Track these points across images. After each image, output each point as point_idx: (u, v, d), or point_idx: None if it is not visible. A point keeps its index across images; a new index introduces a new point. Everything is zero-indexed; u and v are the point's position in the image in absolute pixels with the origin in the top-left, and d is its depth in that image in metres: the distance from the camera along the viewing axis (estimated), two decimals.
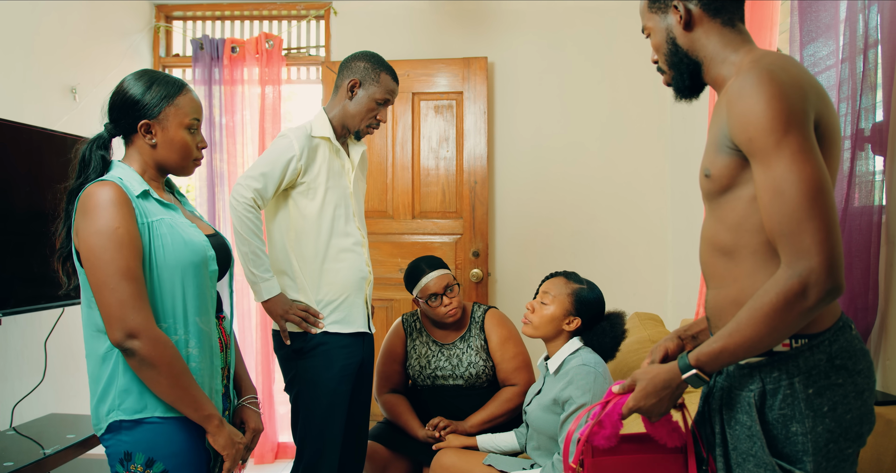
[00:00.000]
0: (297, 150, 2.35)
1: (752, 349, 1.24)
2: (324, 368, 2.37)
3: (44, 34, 3.15)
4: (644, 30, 1.52)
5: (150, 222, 1.58)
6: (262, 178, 2.32)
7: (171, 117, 1.66)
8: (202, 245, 1.64)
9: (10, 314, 2.52)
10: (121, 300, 1.48)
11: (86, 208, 1.53)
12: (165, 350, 1.52)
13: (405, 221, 3.88)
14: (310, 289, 2.39)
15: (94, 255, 1.50)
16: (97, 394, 1.58)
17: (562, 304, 2.24)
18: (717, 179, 1.34)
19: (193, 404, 1.56)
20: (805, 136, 1.20)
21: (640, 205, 3.87)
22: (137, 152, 1.68)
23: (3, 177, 2.53)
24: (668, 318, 3.62)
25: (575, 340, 2.24)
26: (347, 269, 2.42)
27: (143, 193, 1.61)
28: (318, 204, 2.39)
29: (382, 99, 2.47)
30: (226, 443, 1.60)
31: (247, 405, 1.83)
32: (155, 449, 1.55)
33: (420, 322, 2.87)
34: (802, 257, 1.18)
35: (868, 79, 1.87)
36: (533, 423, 2.26)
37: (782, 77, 1.23)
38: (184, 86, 1.70)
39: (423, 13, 3.96)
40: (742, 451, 1.33)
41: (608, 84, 3.86)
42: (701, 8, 1.41)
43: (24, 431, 2.68)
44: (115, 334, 1.49)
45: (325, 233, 2.40)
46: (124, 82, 1.68)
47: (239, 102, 3.93)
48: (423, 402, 2.79)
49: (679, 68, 1.45)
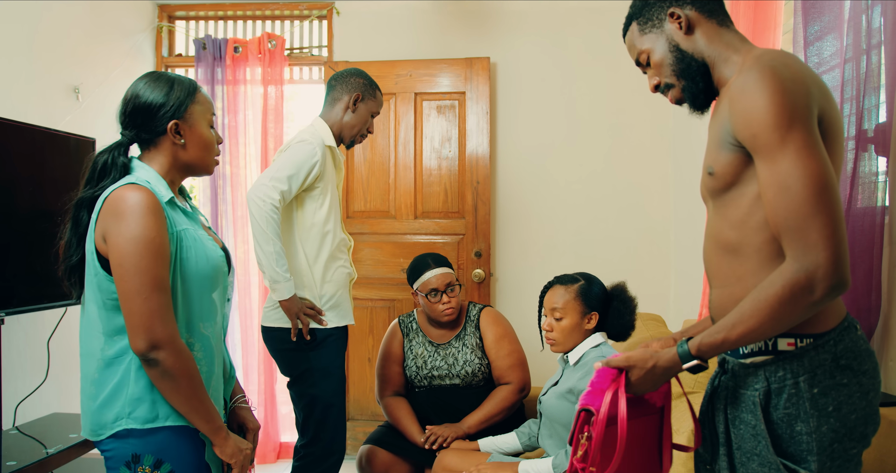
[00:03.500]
0: (319, 156, 2.51)
1: (753, 339, 1.25)
2: (333, 357, 2.56)
3: (46, 34, 3.15)
4: (640, 58, 1.52)
5: (178, 231, 1.58)
6: (289, 181, 2.44)
7: (196, 115, 1.67)
8: (220, 259, 1.67)
9: (13, 313, 2.52)
10: (151, 309, 1.48)
11: (119, 211, 1.50)
12: (187, 363, 1.53)
13: (407, 221, 3.88)
14: (314, 286, 2.53)
15: (130, 262, 1.47)
16: (99, 398, 1.55)
17: (574, 310, 2.25)
18: (721, 176, 1.34)
19: (206, 416, 1.57)
20: (809, 131, 1.20)
21: (643, 205, 3.87)
22: (161, 155, 1.65)
23: (6, 177, 2.53)
24: (670, 318, 3.62)
25: (597, 335, 2.26)
26: (341, 268, 2.61)
27: (169, 200, 1.60)
28: (326, 208, 2.55)
29: (376, 112, 2.73)
30: (233, 452, 1.62)
31: (240, 405, 1.84)
32: (163, 451, 1.55)
33: (416, 323, 2.88)
34: (809, 252, 1.18)
35: (871, 80, 1.87)
36: (546, 411, 2.27)
37: (785, 73, 1.23)
38: (197, 84, 1.72)
39: (425, 13, 3.96)
40: (746, 450, 1.33)
41: (610, 84, 3.86)
42: (696, 10, 1.44)
43: (26, 430, 2.68)
44: (139, 343, 1.48)
45: (329, 235, 2.56)
46: (139, 87, 1.64)
47: (241, 102, 3.94)
48: (421, 403, 2.79)
49: (690, 73, 1.45)
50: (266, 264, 2.40)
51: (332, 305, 2.55)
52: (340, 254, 2.61)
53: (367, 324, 3.89)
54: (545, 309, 2.32)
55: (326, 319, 2.53)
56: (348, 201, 3.91)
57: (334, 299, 2.56)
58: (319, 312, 2.52)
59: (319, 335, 2.53)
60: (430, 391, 2.79)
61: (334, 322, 2.55)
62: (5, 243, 2.51)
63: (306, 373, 2.53)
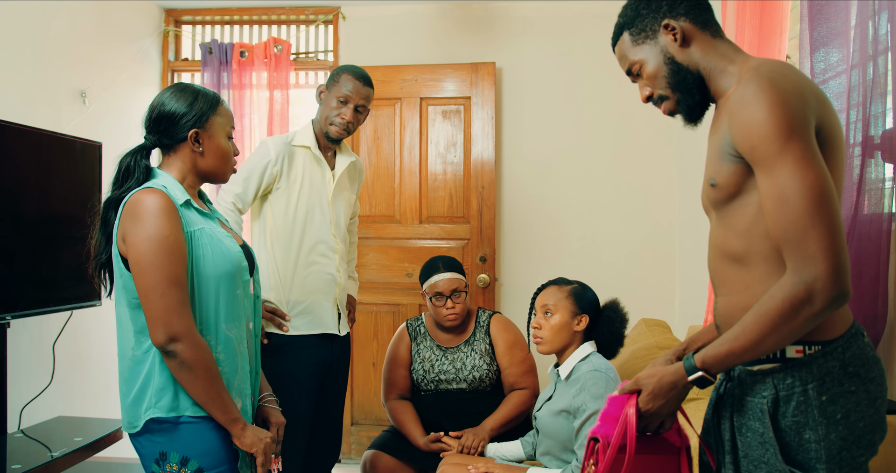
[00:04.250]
0: (272, 155, 2.49)
1: (756, 352, 1.25)
2: (289, 366, 2.46)
3: (53, 38, 3.17)
4: (632, 69, 1.50)
5: (192, 231, 1.66)
6: (243, 183, 2.46)
7: (216, 126, 1.77)
8: (238, 256, 1.73)
9: (19, 316, 2.53)
10: (168, 304, 1.57)
11: (136, 214, 1.59)
12: (204, 355, 1.61)
13: (412, 225, 3.88)
14: (281, 289, 2.50)
15: (146, 260, 1.57)
16: (132, 394, 1.64)
17: (565, 308, 2.23)
18: (724, 187, 1.34)
19: (223, 407, 1.64)
20: (807, 142, 1.20)
21: (648, 210, 3.86)
22: (180, 161, 1.75)
23: (12, 181, 2.54)
24: (675, 324, 3.60)
25: (586, 345, 2.23)
26: (316, 273, 2.53)
27: (185, 202, 1.68)
28: (293, 209, 2.51)
29: (343, 96, 2.54)
30: (252, 441, 1.68)
31: (265, 403, 1.90)
32: (188, 448, 1.63)
33: (424, 327, 2.88)
34: (808, 264, 1.18)
35: (878, 86, 1.86)
36: (543, 428, 2.26)
37: (783, 84, 1.23)
38: (220, 98, 1.82)
39: (431, 18, 3.97)
40: (753, 458, 1.32)
41: (616, 90, 3.86)
42: (690, 22, 1.43)
43: (31, 434, 2.68)
44: (158, 336, 1.57)
45: (297, 237, 2.52)
46: (166, 96, 1.74)
47: (247, 107, 3.95)
48: (427, 407, 2.79)
49: (685, 86, 1.44)
50: None
51: (302, 311, 2.50)
52: (320, 258, 2.54)
53: (371, 329, 3.89)
54: (536, 308, 2.30)
55: (291, 325, 2.47)
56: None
57: (303, 305, 2.50)
58: (282, 316, 2.47)
59: (274, 342, 2.46)
60: (436, 395, 2.79)
61: (301, 330, 2.49)
62: (11, 247, 2.52)
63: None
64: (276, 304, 2.49)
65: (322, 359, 2.55)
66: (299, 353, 2.48)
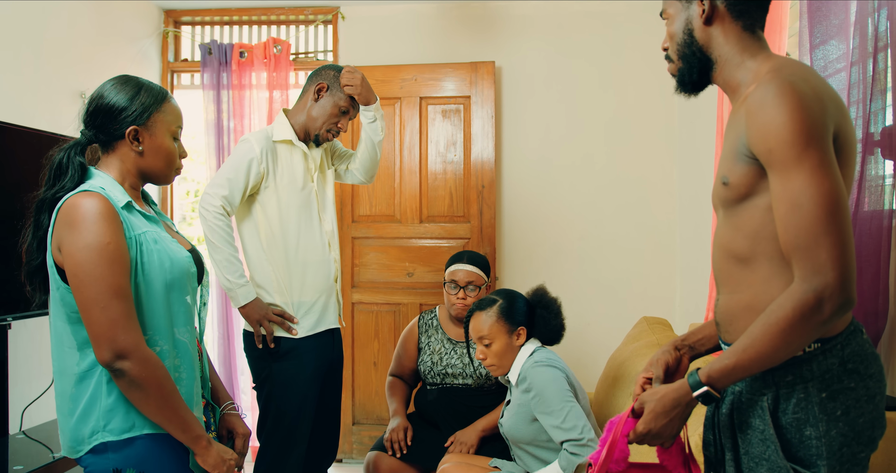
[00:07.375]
0: (257, 152, 2.39)
1: (765, 363, 1.24)
2: (297, 370, 2.44)
3: (53, 39, 3.17)
4: (663, 13, 1.50)
5: (136, 235, 1.53)
6: (228, 184, 2.36)
7: (159, 124, 1.63)
8: (185, 261, 1.62)
9: (20, 318, 2.53)
10: (112, 319, 1.43)
11: (72, 220, 1.45)
12: (155, 371, 1.47)
13: (412, 225, 3.88)
14: (285, 292, 2.45)
15: (84, 271, 1.43)
16: (75, 414, 1.51)
17: (499, 332, 2.28)
18: (736, 187, 1.33)
19: (182, 425, 1.52)
20: (825, 150, 1.20)
21: (648, 209, 3.86)
22: (119, 160, 1.62)
23: (12, 181, 2.54)
24: (676, 322, 3.61)
25: (527, 345, 2.30)
26: (316, 270, 2.49)
27: (126, 204, 1.55)
28: (285, 207, 2.44)
29: (345, 108, 2.51)
30: (216, 462, 1.57)
31: (228, 413, 1.82)
32: (144, 464, 1.51)
33: (437, 319, 2.91)
34: (818, 272, 1.18)
35: (878, 82, 1.86)
36: (509, 433, 2.30)
37: (804, 89, 1.22)
38: (168, 93, 1.68)
39: (430, 18, 3.97)
40: (755, 456, 1.32)
41: (616, 89, 3.86)
42: (726, 6, 1.40)
43: (33, 435, 2.68)
44: (104, 354, 1.44)
45: (292, 236, 2.45)
46: (106, 88, 1.61)
47: (247, 107, 3.94)
48: (431, 403, 2.80)
49: (689, 61, 1.44)
50: (217, 272, 2.36)
51: (308, 311, 2.47)
52: (319, 253, 2.50)
53: (372, 328, 3.89)
54: (473, 339, 2.35)
55: (299, 327, 2.44)
56: (353, 205, 3.91)
57: (310, 304, 2.47)
58: (290, 319, 2.42)
59: (284, 346, 2.42)
60: (441, 390, 2.80)
61: (307, 330, 2.46)
62: (11, 248, 2.51)
63: (266, 383, 2.47)
64: (283, 307, 2.45)
65: (327, 359, 2.55)
66: (306, 356, 2.46)
